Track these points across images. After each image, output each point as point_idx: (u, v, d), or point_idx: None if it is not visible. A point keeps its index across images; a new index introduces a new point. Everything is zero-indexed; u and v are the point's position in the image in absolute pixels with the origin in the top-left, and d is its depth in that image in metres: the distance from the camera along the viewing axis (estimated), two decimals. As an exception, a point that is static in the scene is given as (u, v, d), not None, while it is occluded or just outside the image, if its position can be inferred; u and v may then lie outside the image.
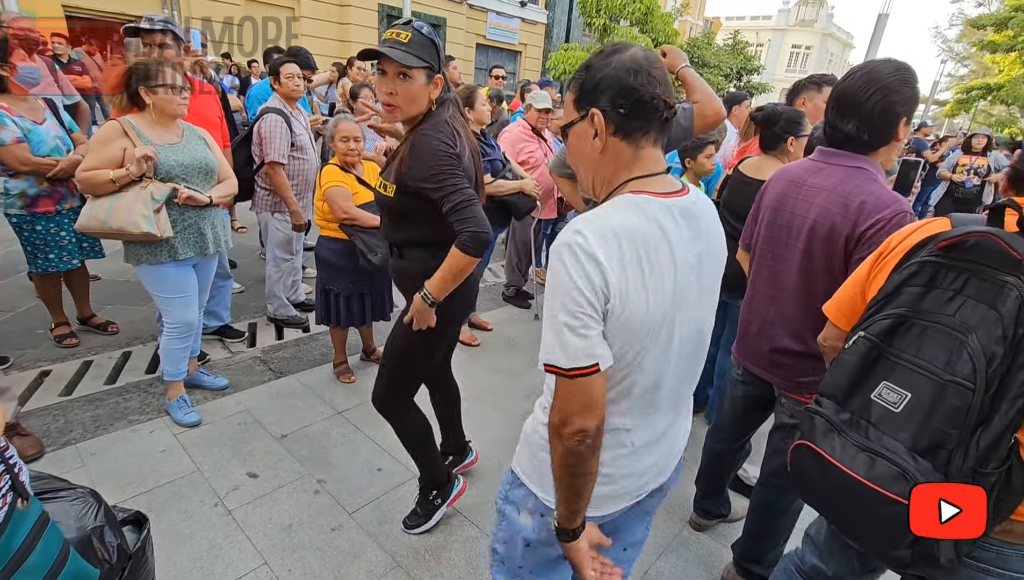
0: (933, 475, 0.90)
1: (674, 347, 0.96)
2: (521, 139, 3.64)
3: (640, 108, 0.88)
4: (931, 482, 0.90)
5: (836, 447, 1.00)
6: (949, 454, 0.90)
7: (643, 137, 0.90)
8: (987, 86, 18.99)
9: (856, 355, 1.03)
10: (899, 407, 0.95)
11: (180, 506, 2.07)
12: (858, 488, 0.95)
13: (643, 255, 0.86)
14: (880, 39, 12.04)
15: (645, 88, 0.87)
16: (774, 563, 1.92)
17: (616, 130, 0.90)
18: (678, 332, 0.95)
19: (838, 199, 1.49)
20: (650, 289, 0.87)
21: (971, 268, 0.93)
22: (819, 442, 1.03)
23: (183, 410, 2.55)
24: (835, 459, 0.99)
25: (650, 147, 0.92)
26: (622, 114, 0.88)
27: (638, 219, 0.87)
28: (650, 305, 0.87)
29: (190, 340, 2.58)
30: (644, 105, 0.88)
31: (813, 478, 1.06)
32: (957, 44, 27.72)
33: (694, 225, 0.93)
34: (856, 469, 0.96)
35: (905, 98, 1.41)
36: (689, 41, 21.65)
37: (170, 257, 2.39)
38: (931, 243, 1.01)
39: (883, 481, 0.92)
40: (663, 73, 0.89)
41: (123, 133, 2.26)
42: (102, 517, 1.30)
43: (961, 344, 0.89)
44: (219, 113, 3.23)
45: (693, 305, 0.96)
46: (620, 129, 0.90)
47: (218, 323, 3.26)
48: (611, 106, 0.88)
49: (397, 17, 12.90)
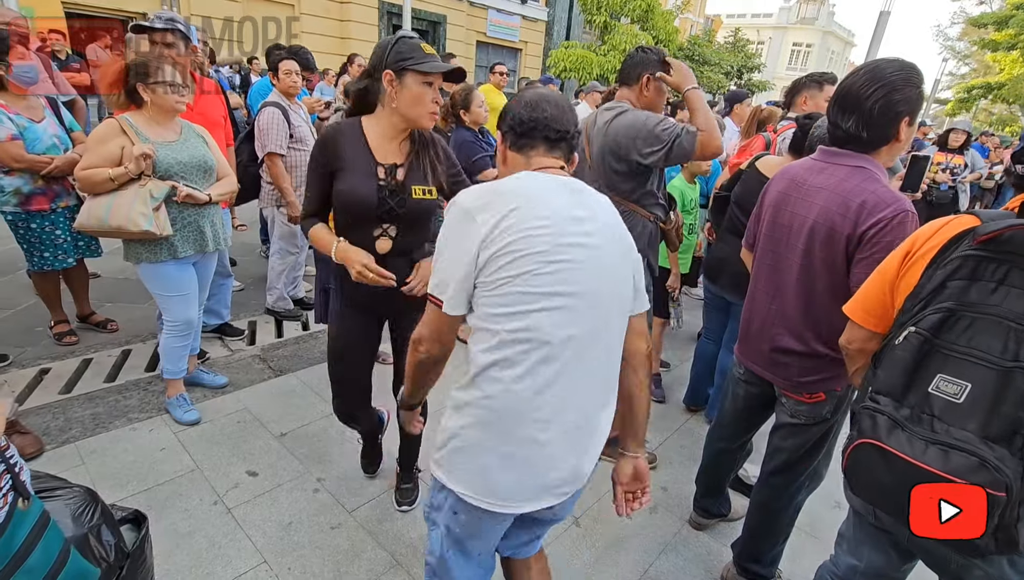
0: (1011, 461, 0.90)
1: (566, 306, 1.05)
2: None
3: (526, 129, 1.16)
4: (1012, 471, 0.90)
5: (903, 442, 0.99)
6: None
7: (531, 149, 1.17)
8: (988, 85, 18.97)
9: (909, 350, 1.04)
10: (961, 398, 0.96)
11: (179, 504, 2.07)
12: (935, 481, 0.94)
13: (516, 206, 1.04)
14: (881, 37, 12.01)
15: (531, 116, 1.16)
16: (774, 562, 1.93)
17: (511, 145, 1.19)
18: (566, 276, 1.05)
19: (839, 199, 1.48)
20: (515, 226, 1.03)
21: (1011, 259, 0.96)
22: (885, 439, 1.02)
23: (183, 408, 2.54)
24: (905, 455, 0.98)
25: (540, 156, 1.16)
26: (516, 133, 1.18)
27: (521, 181, 1.10)
28: (513, 239, 1.03)
29: (190, 338, 2.58)
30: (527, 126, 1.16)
31: (878, 477, 1.04)
32: (958, 42, 27.68)
33: (579, 197, 1.11)
34: (930, 463, 0.95)
35: (907, 97, 1.39)
36: (690, 39, 21.57)
37: (170, 255, 2.38)
38: (967, 238, 1.02)
39: (962, 472, 0.92)
40: (553, 108, 1.16)
41: (121, 131, 2.25)
42: (99, 516, 1.30)
43: (1018, 332, 0.91)
44: (223, 113, 3.23)
45: (587, 268, 1.06)
46: (513, 144, 1.19)
47: (218, 321, 3.26)
48: (508, 128, 1.19)
49: (397, 15, 12.88)
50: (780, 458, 1.78)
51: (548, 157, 1.16)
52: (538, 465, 1.07)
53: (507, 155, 1.20)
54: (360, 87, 1.64)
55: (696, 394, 3.06)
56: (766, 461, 1.84)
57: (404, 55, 1.53)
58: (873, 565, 1.32)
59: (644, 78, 2.17)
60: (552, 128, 1.14)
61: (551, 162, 1.17)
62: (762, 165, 2.32)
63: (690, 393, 3.09)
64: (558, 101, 1.17)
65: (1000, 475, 0.90)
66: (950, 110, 22.28)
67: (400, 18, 11.69)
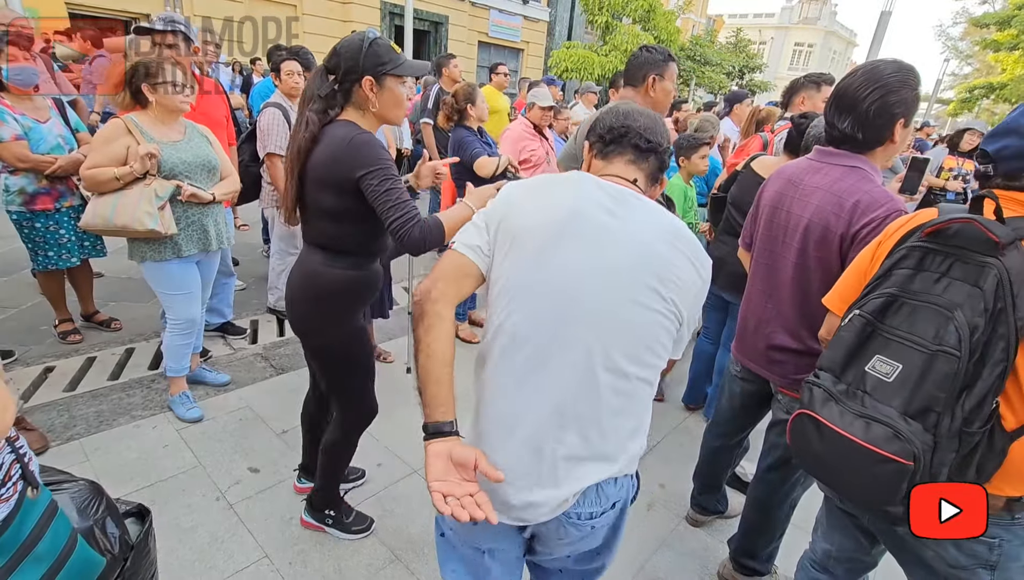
0: (923, 435, 0.98)
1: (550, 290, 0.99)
2: (523, 137, 3.65)
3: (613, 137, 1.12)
4: (921, 440, 0.99)
5: (835, 414, 1.08)
6: (938, 416, 0.98)
7: (617, 156, 1.12)
8: (990, 85, 18.91)
9: (852, 331, 1.11)
10: (891, 378, 1.03)
11: (182, 500, 2.09)
12: (856, 449, 1.03)
13: (538, 188, 1.06)
14: (883, 37, 12.00)
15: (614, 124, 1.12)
16: (770, 558, 1.95)
17: (597, 153, 1.15)
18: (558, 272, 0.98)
19: (833, 198, 1.50)
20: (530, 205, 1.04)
21: (955, 252, 1.02)
22: (818, 410, 1.11)
23: (185, 406, 2.57)
24: (834, 424, 1.07)
25: (623, 165, 1.11)
26: (604, 141, 1.13)
27: (559, 176, 1.09)
28: (524, 216, 1.03)
29: (192, 337, 2.61)
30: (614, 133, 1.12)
31: (812, 445, 1.13)
32: (960, 42, 27.60)
33: (621, 208, 1.02)
34: (854, 432, 1.03)
35: (903, 99, 1.41)
36: (692, 39, 21.59)
37: (174, 254, 2.41)
38: (919, 230, 1.09)
39: (879, 442, 1.00)
40: (646, 119, 1.12)
41: (126, 131, 2.28)
42: (104, 509, 1.32)
43: (948, 320, 0.98)
44: (226, 113, 3.27)
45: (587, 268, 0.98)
46: (600, 153, 1.14)
47: (220, 320, 3.29)
48: (596, 137, 1.15)
49: (399, 15, 12.90)
50: (776, 455, 1.80)
51: (632, 167, 1.10)
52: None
53: (591, 164, 1.15)
54: (327, 92, 1.54)
55: (694, 393, 3.08)
56: (762, 458, 1.86)
57: (382, 58, 1.52)
58: (844, 550, 1.38)
59: (650, 79, 2.16)
60: (644, 137, 1.09)
61: (624, 172, 1.10)
62: (757, 165, 2.34)
63: (689, 392, 3.11)
64: (651, 114, 1.14)
65: (910, 446, 0.98)
66: (952, 110, 22.24)
67: (402, 18, 11.71)
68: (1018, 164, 1.03)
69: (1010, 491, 1.04)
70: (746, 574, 1.95)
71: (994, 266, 0.96)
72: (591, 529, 1.04)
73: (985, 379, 0.95)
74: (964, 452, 0.98)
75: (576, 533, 1.04)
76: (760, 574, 1.95)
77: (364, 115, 1.58)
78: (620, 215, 1.00)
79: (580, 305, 0.97)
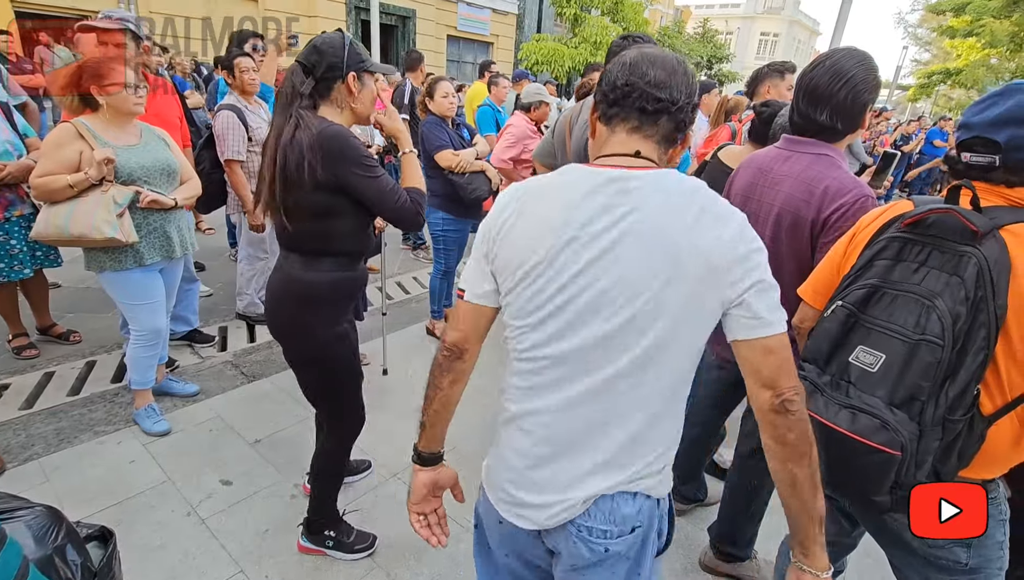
0: (909, 424, 0.99)
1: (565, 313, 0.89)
2: (525, 136, 3.60)
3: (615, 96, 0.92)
4: (908, 430, 1.00)
5: (820, 405, 1.08)
6: (922, 405, 0.99)
7: (621, 122, 0.93)
8: (947, 71, 19.50)
9: (835, 322, 1.12)
10: (875, 367, 1.04)
11: (151, 517, 2.02)
12: (843, 440, 1.04)
13: (527, 199, 0.93)
14: (844, 25, 12.24)
15: (622, 79, 0.91)
16: (750, 543, 1.97)
17: (600, 115, 0.96)
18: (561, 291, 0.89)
19: (803, 185, 1.52)
20: (522, 227, 0.93)
21: (933, 242, 1.04)
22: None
23: (152, 419, 2.48)
24: (820, 416, 1.07)
25: (624, 133, 0.93)
26: (607, 102, 0.94)
27: (551, 176, 0.95)
28: (518, 243, 0.93)
29: (158, 347, 2.51)
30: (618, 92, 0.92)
31: None
32: (919, 29, 28.40)
33: (617, 197, 0.86)
34: (840, 423, 1.04)
35: (870, 87, 1.46)
36: (660, 30, 21.73)
37: (136, 263, 2.31)
38: (898, 221, 1.10)
39: (866, 432, 1.01)
40: (658, 71, 0.89)
41: (78, 136, 2.17)
42: (64, 535, 1.26)
43: (929, 308, 0.99)
44: (179, 113, 3.13)
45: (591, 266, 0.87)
46: (603, 115, 0.96)
47: (186, 328, 3.18)
48: (600, 96, 0.95)
49: (365, 9, 12.64)
50: (752, 441, 1.81)
51: (634, 137, 0.91)
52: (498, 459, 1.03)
53: (596, 127, 0.98)
54: (308, 90, 1.51)
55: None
56: (739, 444, 1.87)
57: (361, 56, 1.55)
58: (827, 534, 1.38)
59: None
60: (651, 96, 0.88)
61: (623, 145, 0.91)
62: (724, 155, 2.36)
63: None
64: (668, 60, 0.91)
65: (898, 436, 0.99)
66: (912, 96, 22.88)
67: (368, 13, 11.49)
68: (1023, 155, 1.00)
69: (986, 474, 1.06)
70: (727, 560, 1.97)
71: (973, 255, 0.97)
72: (604, 552, 0.93)
73: (968, 367, 0.97)
74: (948, 439, 1.00)
75: (587, 554, 0.93)
76: (740, 559, 1.97)
77: (341, 113, 1.57)
78: (621, 207, 0.86)
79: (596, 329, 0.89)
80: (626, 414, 0.91)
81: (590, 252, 0.86)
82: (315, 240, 1.58)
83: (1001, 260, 0.95)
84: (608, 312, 0.87)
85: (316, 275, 1.60)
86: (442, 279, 3.55)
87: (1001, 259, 0.95)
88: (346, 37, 1.54)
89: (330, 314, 1.66)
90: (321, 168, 1.44)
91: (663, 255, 0.84)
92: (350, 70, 1.52)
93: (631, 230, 0.85)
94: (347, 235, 1.60)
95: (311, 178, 1.45)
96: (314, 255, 1.60)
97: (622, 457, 0.92)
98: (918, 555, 1.15)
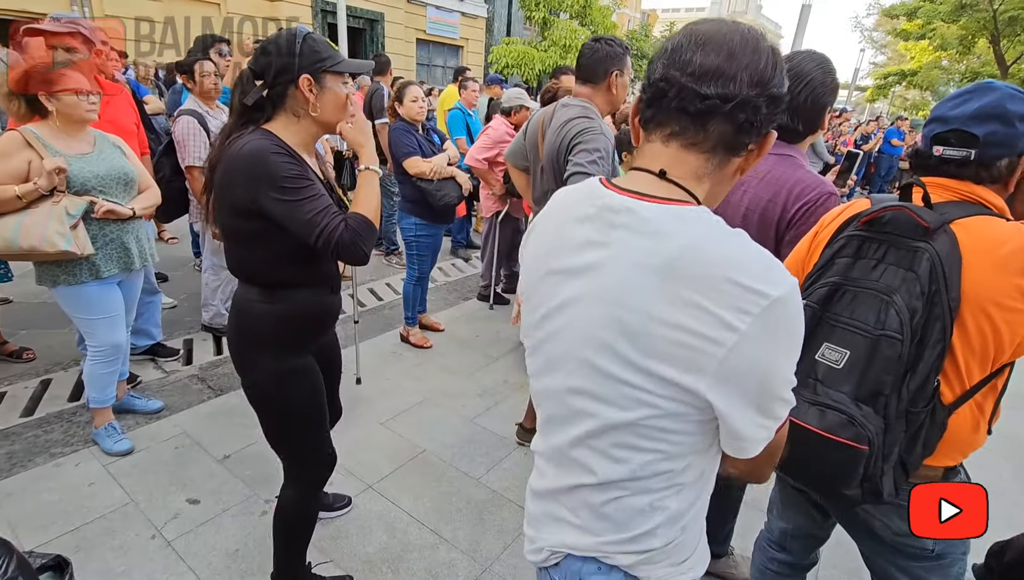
0: (875, 418, 1.01)
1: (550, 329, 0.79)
2: (503, 138, 3.59)
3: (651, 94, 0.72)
4: (873, 424, 1.01)
5: None
6: (886, 399, 1.01)
7: (658, 129, 0.73)
8: (902, 72, 20.28)
9: None
10: (840, 364, 1.06)
11: (112, 542, 1.93)
12: (812, 438, 1.05)
13: (541, 222, 0.84)
14: (805, 29, 12.62)
15: (656, 70, 0.71)
16: (727, 539, 1.99)
17: (640, 118, 0.76)
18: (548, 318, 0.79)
19: (769, 187, 1.54)
20: (526, 256, 0.86)
21: (889, 239, 1.06)
22: None
23: (113, 438, 2.37)
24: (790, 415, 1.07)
25: (659, 141, 0.73)
26: (645, 101, 0.74)
27: (571, 192, 0.83)
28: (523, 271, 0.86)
29: (118, 363, 2.41)
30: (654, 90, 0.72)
31: None
32: (875, 32, 29.46)
33: (604, 232, 0.73)
34: (809, 421, 1.05)
35: (828, 89, 1.50)
36: (628, 33, 22.02)
37: (92, 276, 2.22)
38: (856, 220, 1.12)
39: (834, 429, 1.03)
40: (711, 56, 0.67)
41: (26, 144, 2.07)
42: (14, 568, 1.18)
43: (887, 304, 1.01)
44: (135, 119, 3.01)
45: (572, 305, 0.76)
46: (642, 118, 0.76)
47: (149, 342, 3.07)
48: (642, 90, 0.75)
49: (332, 13, 12.49)
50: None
51: (671, 146, 0.71)
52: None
53: (638, 133, 0.78)
54: (255, 101, 1.35)
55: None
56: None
57: (321, 54, 1.34)
58: (800, 526, 1.44)
59: (612, 75, 2.08)
60: (693, 92, 0.67)
61: (652, 159, 0.73)
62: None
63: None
64: (726, 41, 0.68)
65: (864, 430, 1.00)
66: (869, 96, 23.72)
67: (335, 16, 11.34)
68: (999, 152, 1.01)
69: (948, 461, 1.09)
70: (705, 558, 1.99)
71: (926, 250, 0.99)
72: None
73: (927, 360, 0.99)
74: (912, 431, 1.02)
75: None
76: (718, 556, 1.99)
77: (299, 122, 1.38)
78: (602, 245, 0.72)
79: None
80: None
81: (559, 297, 0.77)
82: (247, 266, 1.44)
83: (952, 254, 0.98)
84: (564, 372, 0.78)
85: (254, 305, 1.43)
86: (416, 285, 3.51)
87: (952, 253, 0.98)
88: (300, 33, 1.34)
89: (279, 350, 1.47)
90: (241, 189, 1.30)
91: (609, 331, 0.70)
92: (303, 72, 1.32)
93: (588, 292, 0.73)
94: (274, 262, 1.40)
95: (230, 200, 1.33)
96: (254, 284, 1.44)
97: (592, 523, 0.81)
98: (887, 544, 1.18)
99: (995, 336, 0.98)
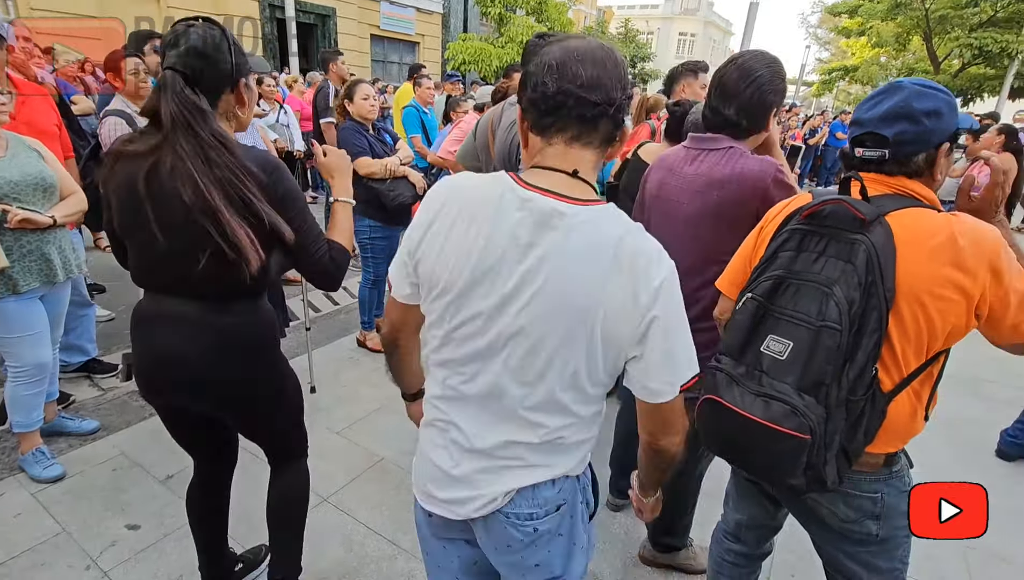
0: (817, 408, 1.03)
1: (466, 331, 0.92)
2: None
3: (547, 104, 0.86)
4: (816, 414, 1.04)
5: (736, 396, 1.12)
6: (827, 388, 1.03)
7: (557, 133, 0.88)
8: (845, 68, 21.17)
9: (746, 314, 1.15)
10: (784, 355, 1.08)
11: (42, 576, 1.79)
12: (758, 428, 1.07)
13: (459, 216, 0.89)
14: (753, 26, 13.02)
15: (552, 84, 0.84)
16: (685, 531, 2.01)
17: (532, 125, 0.90)
18: (470, 321, 0.90)
19: (716, 182, 1.55)
20: (446, 248, 0.90)
21: (829, 232, 1.09)
22: (722, 394, 1.14)
23: (41, 464, 2.21)
24: (736, 406, 1.10)
25: (562, 144, 0.88)
26: (539, 110, 0.87)
27: (485, 188, 0.90)
28: (439, 262, 0.91)
29: (44, 383, 2.24)
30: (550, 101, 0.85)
31: (718, 427, 1.17)
32: (819, 29, 30.67)
33: (540, 233, 0.85)
34: (754, 412, 1.07)
35: (775, 89, 1.53)
36: (584, 29, 22.22)
37: (9, 291, 2.05)
38: (798, 213, 1.15)
39: (778, 419, 1.05)
40: (590, 68, 0.83)
41: (-74, 149, 1.90)
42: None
43: (827, 295, 1.04)
44: (56, 121, 2.80)
45: (502, 306, 0.88)
46: (535, 125, 0.89)
47: (83, 358, 2.88)
48: (528, 103, 0.89)
49: (280, 8, 12.08)
50: (682, 433, 1.84)
51: (573, 149, 0.87)
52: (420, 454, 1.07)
53: (528, 137, 0.92)
54: (202, 105, 1.22)
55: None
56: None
57: (245, 55, 1.31)
58: (754, 517, 1.46)
59: None
60: (588, 101, 0.82)
61: (561, 160, 0.87)
62: (644, 152, 2.40)
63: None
64: (595, 56, 0.83)
65: (806, 420, 1.02)
66: (816, 92, 24.67)
67: (283, 11, 10.99)
68: (913, 149, 1.07)
69: (888, 448, 1.12)
70: (665, 551, 2.00)
71: (863, 242, 1.02)
72: (534, 531, 0.97)
73: (864, 349, 1.02)
74: (852, 419, 1.05)
75: (519, 536, 0.97)
76: (678, 549, 2.01)
77: (229, 126, 1.34)
78: (541, 245, 0.85)
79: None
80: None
81: (503, 288, 0.87)
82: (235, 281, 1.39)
83: (887, 246, 1.01)
84: (508, 350, 0.89)
85: (245, 320, 1.41)
86: (371, 288, 3.42)
87: (887, 245, 1.01)
88: (227, 32, 1.27)
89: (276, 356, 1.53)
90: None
91: (565, 318, 0.86)
92: (240, 76, 1.29)
93: (543, 287, 0.85)
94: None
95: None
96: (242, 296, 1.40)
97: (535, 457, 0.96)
98: (834, 531, 1.20)
99: (929, 324, 1.01)
